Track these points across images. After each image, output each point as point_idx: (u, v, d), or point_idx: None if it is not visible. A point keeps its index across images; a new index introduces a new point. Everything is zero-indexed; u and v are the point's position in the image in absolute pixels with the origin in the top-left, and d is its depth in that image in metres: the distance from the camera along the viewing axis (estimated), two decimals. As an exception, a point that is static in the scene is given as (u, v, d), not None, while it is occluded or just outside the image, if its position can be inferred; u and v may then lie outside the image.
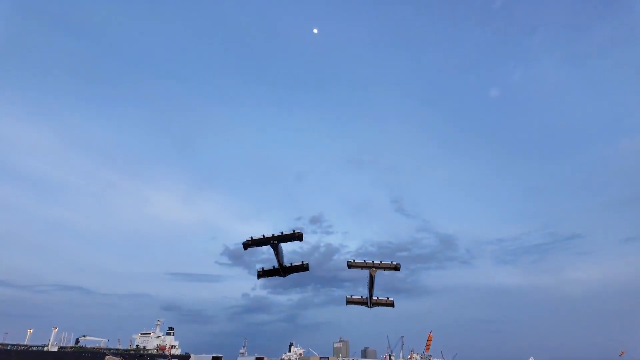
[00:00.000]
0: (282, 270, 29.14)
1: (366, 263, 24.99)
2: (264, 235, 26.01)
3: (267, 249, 65.80)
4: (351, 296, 28.06)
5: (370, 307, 27.60)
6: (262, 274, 28.00)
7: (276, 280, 65.88)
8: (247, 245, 27.22)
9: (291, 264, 30.02)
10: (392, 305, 27.50)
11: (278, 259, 28.70)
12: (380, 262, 24.74)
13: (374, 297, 26.77)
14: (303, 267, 29.33)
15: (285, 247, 67.26)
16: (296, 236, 26.20)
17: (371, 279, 26.14)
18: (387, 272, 27.18)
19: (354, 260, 25.18)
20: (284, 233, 25.87)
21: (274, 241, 26.25)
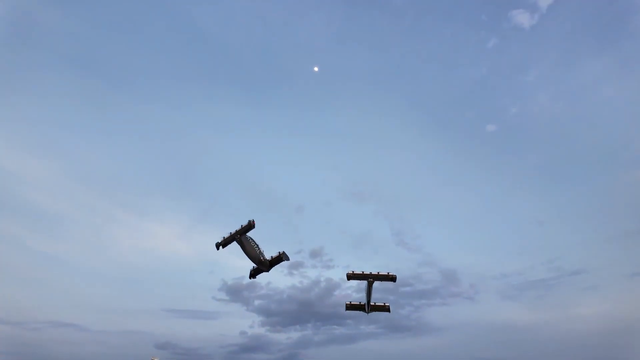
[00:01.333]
0: (261, 264, 30.26)
1: (364, 274, 27.63)
2: (227, 235, 27.47)
3: (265, 284, 64.91)
4: (350, 302, 30.11)
5: (367, 313, 30.14)
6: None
7: (275, 317, 64.01)
8: (218, 246, 27.96)
9: (272, 257, 30.49)
10: (388, 310, 30.06)
11: (249, 252, 29.54)
12: (378, 272, 27.57)
13: (372, 303, 29.30)
14: (282, 258, 30.77)
15: (284, 282, 66.03)
16: (252, 226, 27.58)
17: (369, 288, 28.48)
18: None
19: (352, 272, 27.46)
20: (242, 226, 27.54)
21: (238, 235, 27.59)
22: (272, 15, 74.67)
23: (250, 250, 29.23)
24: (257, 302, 63.60)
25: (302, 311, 62.94)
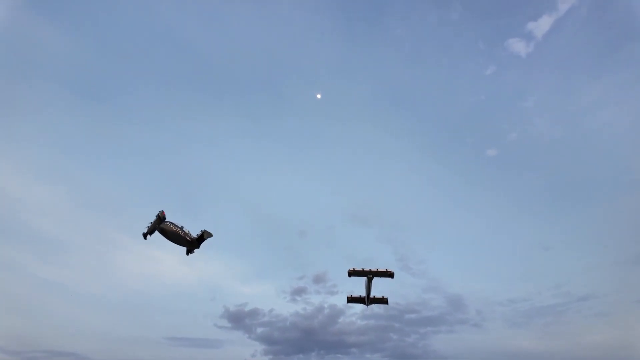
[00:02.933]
0: (190, 244, 32.44)
1: (364, 270, 30.56)
2: (149, 225, 29.51)
3: (268, 311, 63.92)
4: (351, 295, 33.02)
5: (367, 305, 33.21)
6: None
7: (278, 345, 62.73)
8: (145, 236, 30.08)
9: (197, 235, 32.78)
10: (386, 302, 33.44)
11: (172, 236, 30.76)
12: (377, 269, 30.43)
13: (371, 297, 32.58)
14: (204, 236, 33.16)
15: (287, 309, 65.01)
16: (162, 218, 29.82)
17: (368, 283, 31.35)
18: (397, 335, 33.04)
19: (353, 269, 30.25)
20: (156, 217, 29.90)
21: (156, 226, 29.69)
22: (277, 47, 77.39)
23: (173, 235, 30.95)
24: (259, 330, 62.53)
25: (305, 339, 61.82)
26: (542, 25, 69.74)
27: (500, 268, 72.44)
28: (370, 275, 30.51)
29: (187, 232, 32.02)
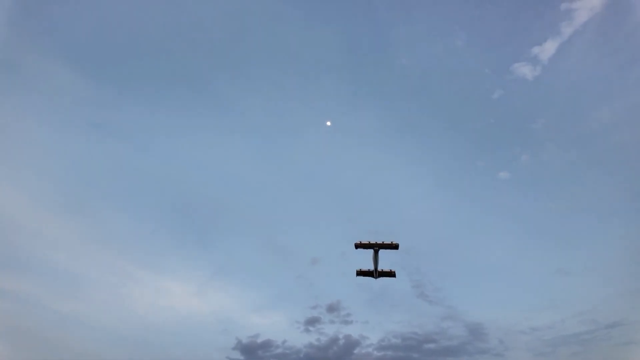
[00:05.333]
0: None
1: (370, 243, 32.06)
2: None
3: (281, 342, 62.46)
4: (360, 269, 34.10)
5: (376, 278, 34.27)
6: None
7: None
8: None
9: None
10: (394, 275, 34.49)
11: None
12: (382, 242, 31.91)
13: (379, 270, 33.71)
14: None
15: (301, 340, 63.54)
16: None
17: (375, 256, 32.73)
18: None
19: (360, 242, 31.95)
20: None
21: None
22: (286, 79, 79.94)
23: None
24: (273, 363, 60.84)
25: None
26: (547, 49, 70.80)
27: (521, 295, 70.11)
28: (376, 247, 32.27)
29: None
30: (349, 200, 78.54)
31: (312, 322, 63.18)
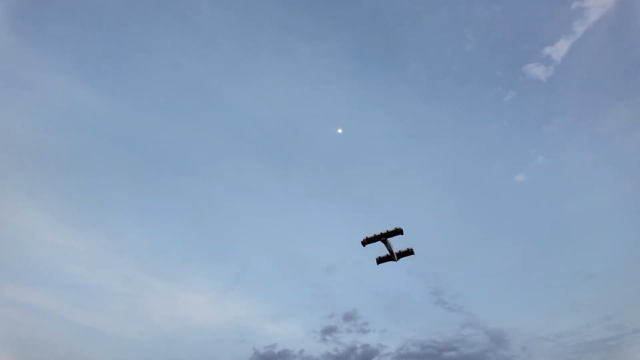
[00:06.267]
0: None
1: (376, 236, 32.38)
2: None
3: (299, 352, 62.00)
4: (379, 257, 34.56)
5: (397, 260, 34.77)
6: None
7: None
8: None
9: None
10: (412, 252, 34.77)
11: None
12: (387, 231, 32.20)
13: (396, 252, 34.18)
14: None
15: (319, 349, 63.04)
16: None
17: (387, 245, 33.17)
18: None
19: (366, 238, 32.37)
20: None
21: None
22: (296, 89, 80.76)
23: None
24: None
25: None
26: (559, 48, 69.85)
27: (542, 299, 68.31)
28: (383, 238, 32.81)
29: None
30: (362, 207, 78.29)
31: (329, 331, 62.66)
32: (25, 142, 65.45)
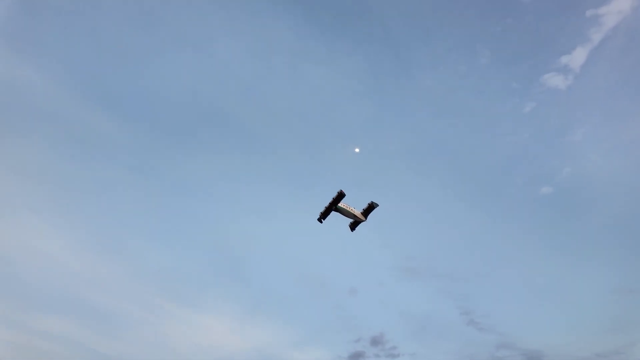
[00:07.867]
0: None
1: (327, 208, 34.46)
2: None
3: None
4: (350, 223, 36.01)
5: (366, 219, 35.86)
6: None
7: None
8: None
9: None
10: (376, 205, 35.76)
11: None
12: (332, 199, 34.33)
13: (360, 212, 35.28)
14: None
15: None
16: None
17: (343, 211, 34.50)
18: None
19: (320, 215, 34.69)
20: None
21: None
22: (312, 110, 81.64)
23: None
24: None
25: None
26: (577, 57, 68.85)
27: (581, 317, 64.49)
28: (333, 207, 34.25)
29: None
30: (384, 227, 76.82)
31: (356, 357, 60.30)
32: (50, 173, 67.68)
